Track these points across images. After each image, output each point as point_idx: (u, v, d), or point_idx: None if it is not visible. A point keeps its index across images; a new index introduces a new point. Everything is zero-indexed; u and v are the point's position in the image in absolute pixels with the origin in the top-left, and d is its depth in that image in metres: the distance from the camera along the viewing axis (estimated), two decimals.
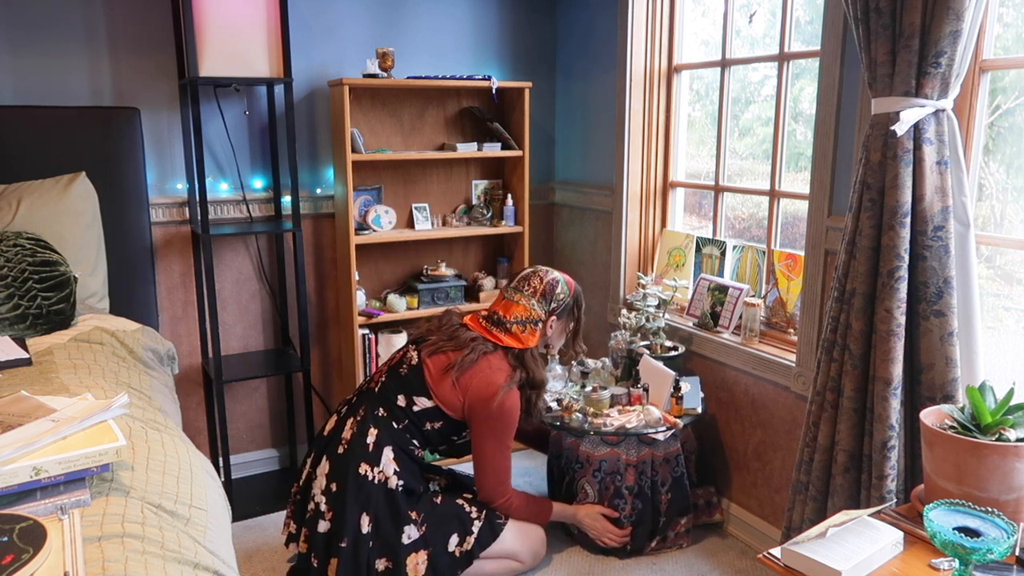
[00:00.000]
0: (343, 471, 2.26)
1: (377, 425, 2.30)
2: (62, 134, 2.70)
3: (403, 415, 2.33)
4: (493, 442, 2.34)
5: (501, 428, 2.32)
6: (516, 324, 2.36)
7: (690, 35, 3.10)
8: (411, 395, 2.33)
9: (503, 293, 2.45)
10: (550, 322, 2.41)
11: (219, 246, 3.09)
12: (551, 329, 2.44)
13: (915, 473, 2.01)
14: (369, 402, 2.35)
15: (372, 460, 2.26)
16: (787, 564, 1.57)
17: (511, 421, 2.33)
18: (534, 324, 2.38)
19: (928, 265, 1.91)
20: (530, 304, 2.37)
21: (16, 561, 1.04)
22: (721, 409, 2.85)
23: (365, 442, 2.27)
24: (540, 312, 2.38)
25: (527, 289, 2.40)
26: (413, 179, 3.41)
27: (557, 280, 2.42)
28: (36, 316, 2.26)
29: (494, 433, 2.33)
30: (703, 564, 2.62)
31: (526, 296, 2.39)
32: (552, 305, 2.40)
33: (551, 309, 2.40)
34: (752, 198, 2.94)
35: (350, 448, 2.28)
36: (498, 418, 2.30)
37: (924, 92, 1.86)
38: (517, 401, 2.33)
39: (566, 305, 2.44)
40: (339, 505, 2.24)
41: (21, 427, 1.31)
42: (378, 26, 3.24)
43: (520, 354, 2.37)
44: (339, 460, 2.28)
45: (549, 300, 2.39)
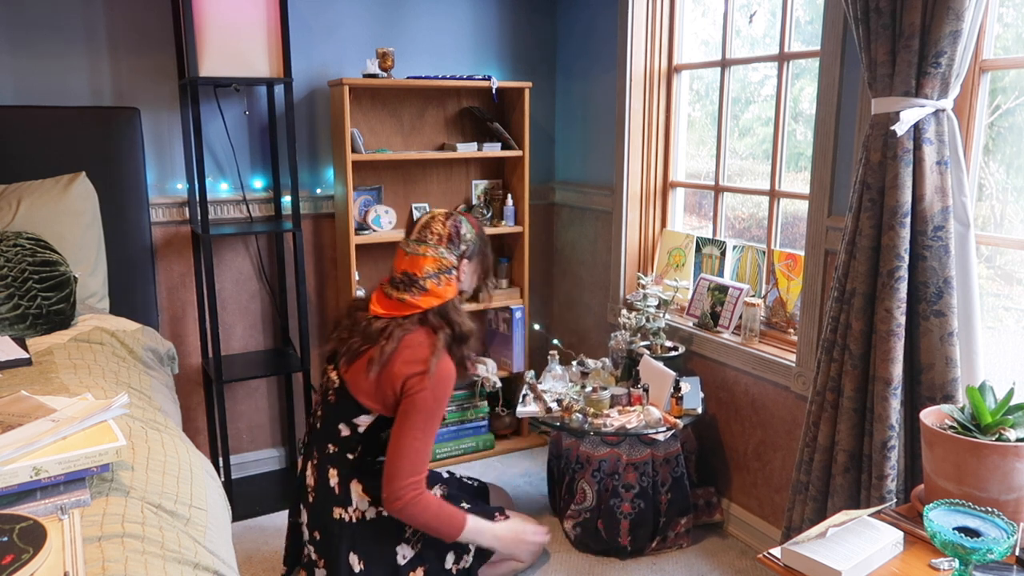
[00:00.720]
0: (320, 519, 2.17)
1: (334, 464, 2.16)
2: (62, 134, 2.70)
3: (353, 442, 2.16)
4: (420, 420, 2.07)
5: (433, 404, 2.08)
6: (430, 279, 2.14)
7: (690, 35, 3.10)
8: (349, 419, 2.15)
9: (404, 249, 2.20)
10: (462, 267, 2.21)
11: (219, 246, 3.09)
12: (464, 274, 2.23)
13: (915, 473, 2.01)
14: (318, 442, 2.21)
15: (342, 502, 2.15)
16: (787, 564, 1.57)
17: (445, 394, 2.10)
18: (448, 273, 2.17)
19: (928, 265, 1.91)
20: (439, 253, 2.15)
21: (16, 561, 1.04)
22: (721, 409, 2.85)
23: (329, 486, 2.15)
24: (451, 259, 2.17)
25: (431, 238, 2.17)
26: (413, 179, 3.41)
27: (460, 220, 2.21)
28: (36, 316, 2.26)
29: (424, 410, 2.07)
30: (703, 564, 2.62)
31: (432, 245, 2.16)
32: (462, 248, 2.19)
33: (461, 253, 2.19)
34: (752, 198, 2.94)
35: (318, 495, 2.17)
36: (432, 392, 2.07)
37: (924, 92, 1.86)
38: (451, 368, 2.12)
39: (475, 245, 2.23)
40: (327, 552, 2.16)
41: (21, 427, 1.31)
42: (378, 26, 3.24)
43: (441, 310, 2.16)
44: (313, 509, 2.19)
45: (457, 243, 2.18)
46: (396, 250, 2.22)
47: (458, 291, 2.23)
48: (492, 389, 3.37)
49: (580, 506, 2.66)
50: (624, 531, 2.60)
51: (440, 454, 3.35)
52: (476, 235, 2.25)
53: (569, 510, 2.70)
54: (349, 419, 2.14)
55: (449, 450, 3.37)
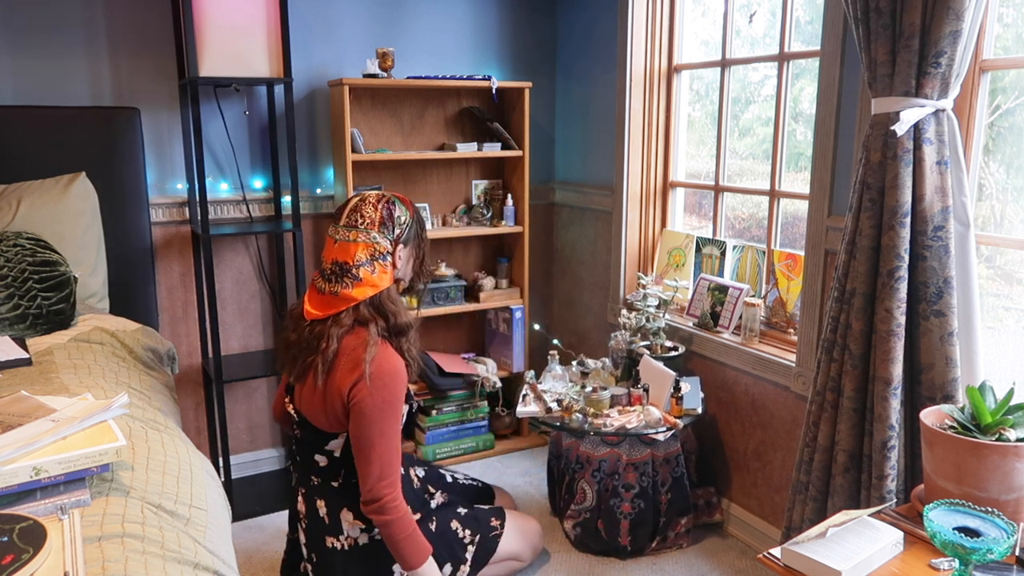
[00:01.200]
0: (314, 546, 2.12)
1: (320, 495, 2.09)
2: (62, 134, 2.70)
3: (334, 469, 2.07)
4: (373, 427, 1.92)
5: (380, 406, 1.91)
6: (363, 267, 1.95)
7: (690, 35, 3.10)
8: (322, 448, 2.04)
9: (333, 236, 1.99)
10: (397, 252, 2.01)
11: (219, 246, 3.09)
12: (399, 260, 2.03)
13: (915, 473, 2.01)
14: (301, 474, 2.14)
15: (333, 531, 2.08)
16: (787, 564, 1.57)
17: (391, 392, 1.93)
18: (383, 259, 1.97)
19: (928, 265, 1.91)
20: (371, 237, 1.96)
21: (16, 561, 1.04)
22: (721, 409, 2.85)
23: (320, 516, 2.09)
24: (385, 244, 1.97)
25: (362, 222, 1.96)
26: (413, 179, 3.41)
27: (393, 202, 2.01)
28: (36, 316, 2.25)
29: (372, 416, 1.91)
30: (703, 564, 2.62)
31: (363, 230, 1.96)
32: (396, 232, 1.99)
33: (396, 237, 1.99)
34: (752, 198, 2.94)
35: (310, 523, 2.12)
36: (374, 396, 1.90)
37: (924, 92, 1.86)
38: (391, 361, 1.94)
39: (409, 228, 2.03)
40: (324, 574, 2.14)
41: (21, 427, 1.31)
42: (378, 26, 3.24)
43: (375, 300, 1.97)
44: (308, 534, 2.14)
45: (391, 227, 1.98)
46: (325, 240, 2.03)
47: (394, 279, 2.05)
48: (492, 389, 3.38)
49: (580, 506, 2.66)
50: (624, 531, 2.60)
51: (440, 454, 3.35)
52: (411, 218, 2.04)
53: (569, 510, 2.70)
54: (321, 448, 2.04)
55: (449, 450, 3.37)
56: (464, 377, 3.35)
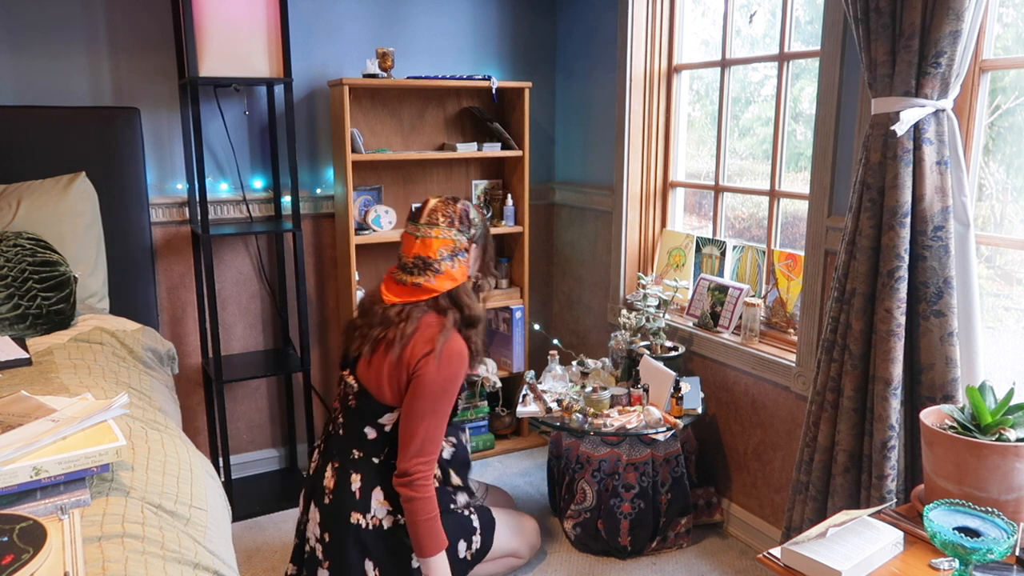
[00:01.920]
0: (333, 522, 2.13)
1: (358, 469, 2.14)
2: (62, 134, 2.70)
3: (380, 446, 2.15)
4: (428, 402, 2.04)
5: (440, 384, 2.04)
6: (444, 261, 2.11)
7: (690, 35, 3.10)
8: (375, 420, 2.13)
9: (413, 234, 2.15)
10: (471, 250, 2.18)
11: (219, 246, 3.09)
12: (472, 258, 2.20)
13: (915, 473, 2.01)
14: (340, 448, 2.18)
15: (362, 508, 2.11)
16: (787, 564, 1.57)
17: (453, 374, 2.06)
18: (460, 255, 2.14)
19: (928, 265, 1.91)
20: (451, 235, 2.12)
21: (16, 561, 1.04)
22: (721, 409, 2.85)
23: (351, 490, 2.12)
24: (463, 240, 2.14)
25: (442, 220, 2.13)
26: (413, 179, 3.41)
27: (468, 206, 2.19)
28: (36, 316, 2.26)
29: (431, 391, 2.04)
30: (703, 564, 2.62)
31: (443, 228, 2.12)
32: (472, 231, 2.17)
33: (471, 236, 2.17)
34: (752, 198, 2.94)
35: (336, 498, 2.13)
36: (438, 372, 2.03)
37: (924, 92, 1.86)
38: (461, 347, 2.08)
39: (481, 230, 2.21)
40: (336, 556, 2.13)
41: (21, 427, 1.31)
42: (378, 26, 3.24)
43: (453, 292, 2.13)
44: (327, 510, 2.14)
45: (468, 226, 2.16)
46: (403, 237, 2.18)
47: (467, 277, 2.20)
48: (492, 389, 3.37)
49: (580, 506, 2.66)
50: (624, 531, 2.60)
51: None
52: (481, 220, 2.23)
53: (569, 510, 2.70)
54: (374, 420, 2.13)
55: None
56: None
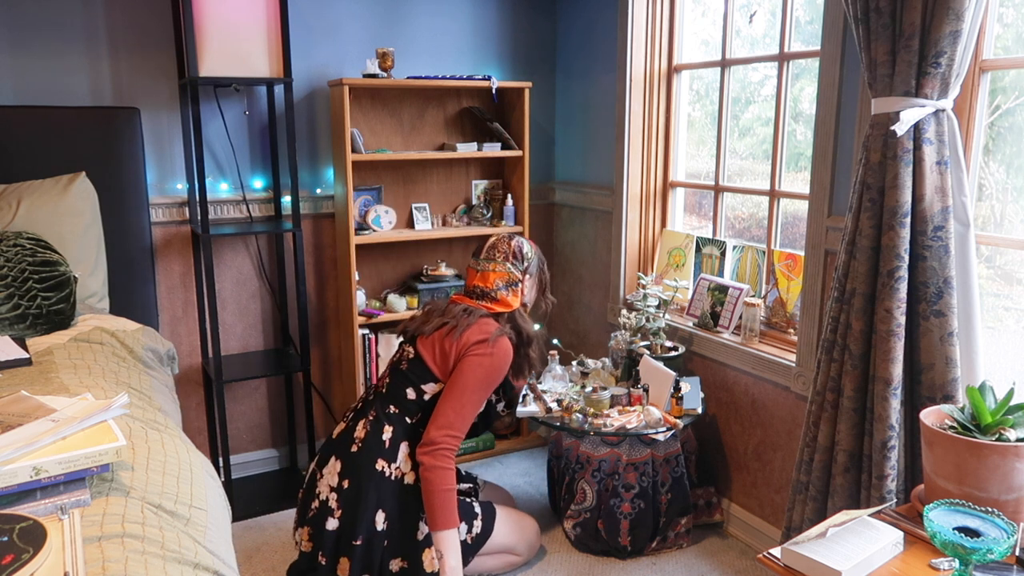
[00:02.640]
0: (358, 468, 2.29)
1: (391, 422, 2.34)
2: (62, 134, 2.70)
3: (415, 408, 2.36)
4: (468, 382, 2.30)
5: (482, 369, 2.31)
6: (500, 290, 2.45)
7: (690, 35, 3.10)
8: (418, 385, 2.37)
9: (474, 268, 2.52)
10: (525, 281, 2.51)
11: (219, 246, 3.09)
12: (526, 287, 2.52)
13: (915, 473, 2.01)
14: (379, 403, 2.39)
15: (389, 456, 2.30)
16: (787, 564, 1.57)
17: (495, 366, 2.33)
18: (515, 286, 2.47)
19: (928, 265, 1.91)
20: (506, 268, 2.47)
21: (16, 561, 1.04)
22: (721, 409, 2.85)
23: (381, 439, 2.31)
24: (517, 273, 2.48)
25: (498, 256, 2.48)
26: (413, 179, 3.41)
27: (522, 242, 2.53)
28: (36, 316, 2.26)
29: (472, 373, 2.30)
30: (703, 564, 2.62)
31: (499, 262, 2.47)
32: (524, 265, 2.50)
33: (524, 269, 2.50)
34: (752, 198, 2.94)
35: (365, 446, 2.31)
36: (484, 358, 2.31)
37: (924, 92, 1.86)
38: (509, 347, 2.37)
39: (535, 263, 2.54)
40: (352, 502, 2.25)
41: (21, 427, 1.31)
42: (378, 26, 3.24)
43: (509, 315, 2.45)
44: (353, 458, 2.31)
45: (521, 260, 2.50)
46: (467, 270, 2.56)
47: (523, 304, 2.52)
48: None
49: (580, 506, 2.66)
50: (624, 531, 2.60)
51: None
52: (536, 254, 2.55)
53: (569, 510, 2.70)
54: (418, 385, 2.37)
55: None
56: None
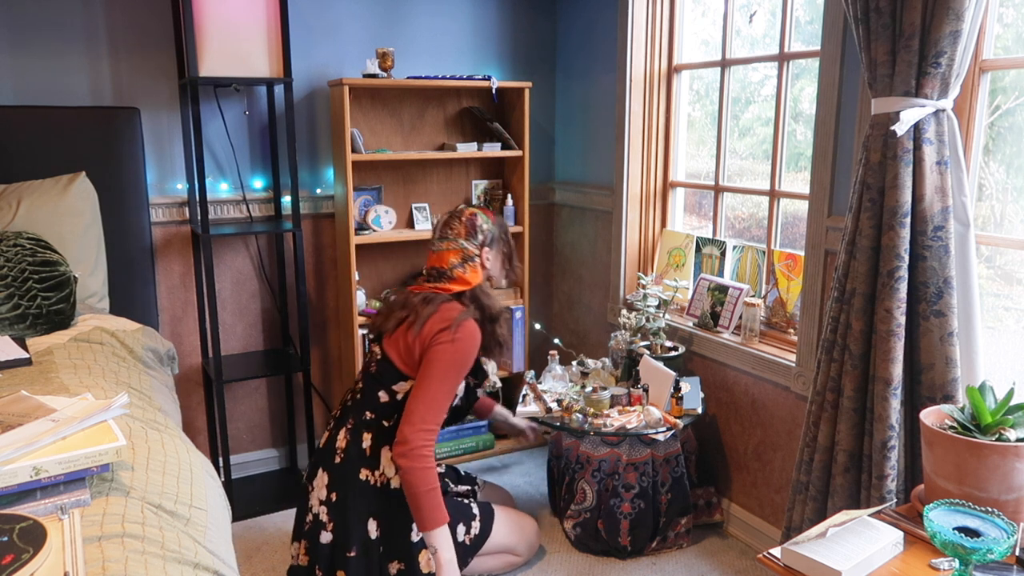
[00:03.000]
0: (343, 480, 2.25)
1: (369, 429, 2.29)
2: (62, 134, 2.70)
3: (391, 410, 2.29)
4: (437, 371, 2.20)
5: (451, 355, 2.21)
6: (456, 268, 2.36)
7: (690, 35, 3.10)
8: (389, 386, 2.29)
9: (431, 248, 2.43)
10: (484, 254, 2.40)
11: (219, 246, 3.09)
12: (488, 261, 2.42)
13: (915, 473, 2.01)
14: (355, 410, 2.33)
15: (371, 464, 2.25)
16: (787, 564, 1.57)
17: (464, 350, 2.23)
18: (471, 261, 2.37)
19: (928, 265, 1.91)
20: (459, 245, 2.36)
21: (16, 561, 1.04)
22: (721, 409, 2.85)
23: (362, 447, 2.27)
24: (472, 248, 2.37)
25: (451, 233, 2.38)
26: (413, 179, 3.41)
27: (475, 214, 2.42)
28: (36, 316, 2.26)
29: (442, 361, 2.21)
30: (703, 564, 2.62)
31: (452, 240, 2.37)
32: (480, 238, 2.39)
33: (481, 242, 2.39)
34: (752, 198, 2.94)
35: (347, 456, 2.27)
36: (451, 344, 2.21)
37: (924, 92, 1.86)
38: (473, 330, 2.27)
39: (493, 234, 2.43)
40: (341, 514, 2.22)
41: (21, 427, 1.31)
42: (378, 26, 3.24)
43: (471, 293, 2.36)
44: (337, 470, 2.27)
45: (476, 234, 2.38)
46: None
47: (485, 277, 2.43)
48: (492, 389, 3.37)
49: (580, 506, 2.66)
50: (624, 531, 2.60)
51: (440, 454, 3.35)
52: (493, 224, 2.43)
53: (569, 510, 2.70)
54: (389, 386, 2.29)
55: (449, 450, 3.37)
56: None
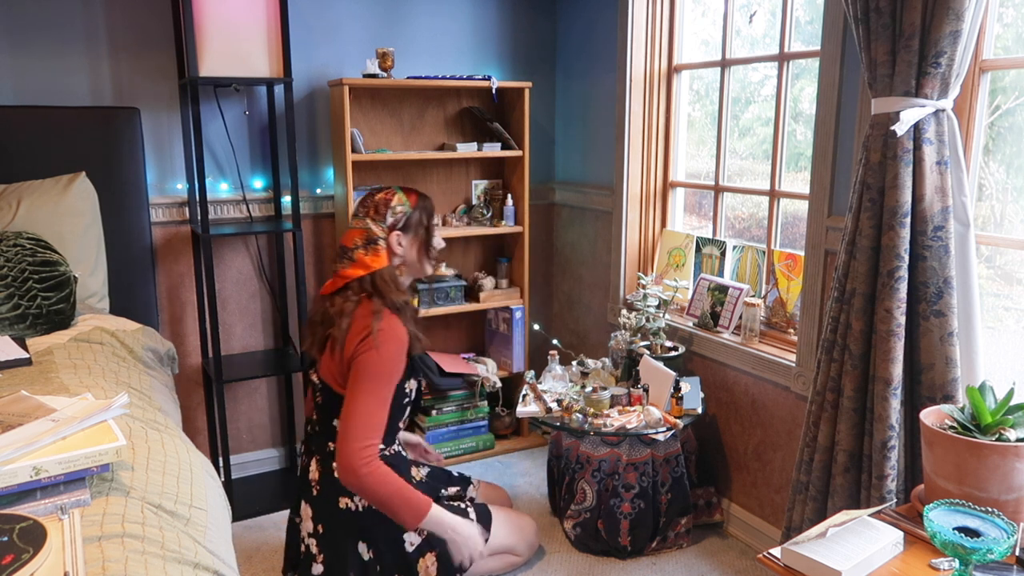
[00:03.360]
0: (325, 512, 2.19)
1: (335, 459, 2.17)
2: (62, 134, 2.70)
3: None
4: (367, 383, 2.06)
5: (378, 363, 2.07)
6: (358, 249, 2.18)
7: (690, 35, 3.10)
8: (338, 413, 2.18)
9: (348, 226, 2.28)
10: (393, 238, 2.20)
11: (219, 246, 3.09)
12: (400, 246, 2.22)
13: (915, 473, 2.01)
14: (318, 443, 2.24)
15: (348, 492, 2.16)
16: (787, 564, 1.57)
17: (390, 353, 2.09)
18: (374, 244, 2.18)
19: (928, 265, 1.91)
20: (366, 224, 2.19)
21: (16, 561, 1.04)
22: (721, 409, 2.85)
23: (334, 478, 2.16)
24: (378, 230, 2.19)
25: (362, 211, 2.22)
26: (413, 179, 3.41)
27: (394, 194, 2.23)
28: (36, 316, 2.26)
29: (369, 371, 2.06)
30: (703, 564, 2.62)
31: (361, 218, 2.21)
32: (390, 220, 2.20)
33: (390, 224, 2.20)
34: (752, 198, 2.94)
35: (323, 487, 2.20)
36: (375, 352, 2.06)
37: (924, 92, 1.86)
38: (396, 327, 2.12)
39: (408, 217, 2.22)
40: (330, 545, 2.18)
41: (21, 427, 1.31)
42: (378, 26, 3.24)
43: (371, 279, 2.17)
44: (317, 502, 2.20)
45: (385, 215, 2.20)
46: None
47: (398, 264, 2.24)
48: (492, 389, 3.37)
49: (580, 506, 2.66)
50: (624, 531, 2.60)
51: (440, 454, 3.34)
52: (412, 207, 2.23)
53: (569, 510, 2.70)
54: (338, 413, 2.17)
55: (449, 450, 3.37)
56: (464, 377, 3.35)
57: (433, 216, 2.31)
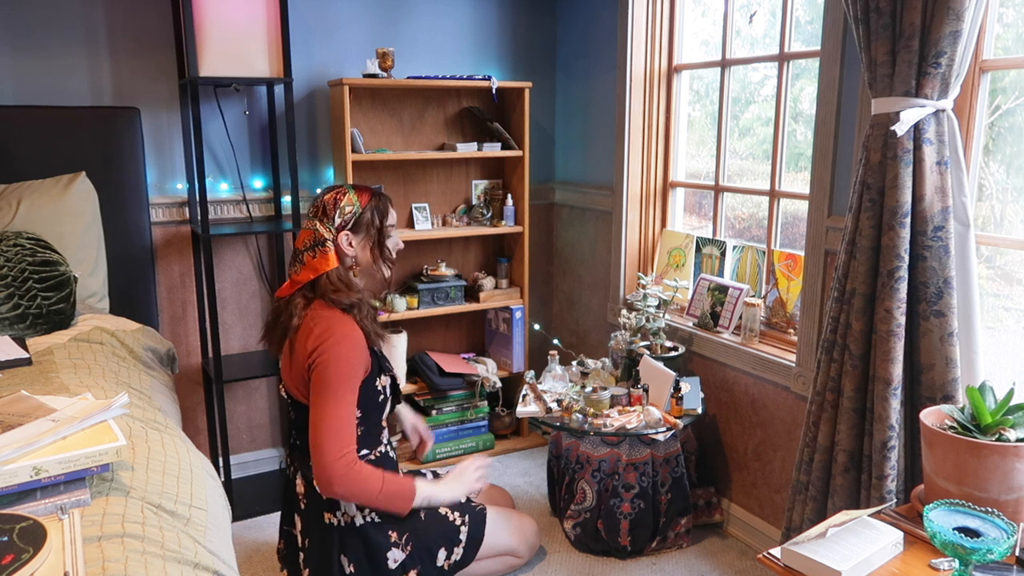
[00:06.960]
0: (311, 526, 2.16)
1: None
2: (62, 134, 2.70)
3: None
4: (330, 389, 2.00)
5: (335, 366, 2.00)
6: (307, 251, 2.10)
7: (690, 35, 3.10)
8: None
9: None
10: (342, 239, 2.11)
11: (219, 246, 3.09)
12: (351, 247, 2.13)
13: (915, 473, 2.01)
14: (299, 458, 2.20)
15: (331, 507, 2.13)
16: (787, 564, 1.57)
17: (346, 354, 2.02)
18: (321, 246, 2.09)
19: (928, 265, 1.91)
20: (314, 226, 2.10)
21: (16, 561, 1.04)
22: (721, 409, 2.85)
23: (317, 493, 2.11)
24: (325, 231, 2.10)
25: (311, 212, 2.13)
26: (413, 179, 3.41)
27: (343, 194, 2.13)
28: (36, 316, 2.26)
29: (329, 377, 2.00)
30: (703, 564, 2.62)
31: (311, 219, 2.12)
32: (338, 221, 2.10)
33: (338, 225, 2.11)
34: (752, 198, 2.94)
35: (309, 502, 2.17)
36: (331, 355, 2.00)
37: (924, 92, 1.86)
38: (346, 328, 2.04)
39: (357, 217, 2.12)
40: (315, 560, 2.16)
41: (21, 427, 1.31)
42: (378, 26, 3.24)
43: (315, 283, 2.10)
44: (305, 515, 2.18)
45: (333, 216, 2.10)
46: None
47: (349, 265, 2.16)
48: (492, 389, 3.38)
49: (580, 506, 2.66)
50: (624, 531, 2.60)
51: (440, 454, 3.35)
52: (363, 207, 2.14)
53: (569, 510, 2.70)
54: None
55: (449, 450, 3.37)
56: (464, 377, 3.35)
57: (388, 216, 2.20)
